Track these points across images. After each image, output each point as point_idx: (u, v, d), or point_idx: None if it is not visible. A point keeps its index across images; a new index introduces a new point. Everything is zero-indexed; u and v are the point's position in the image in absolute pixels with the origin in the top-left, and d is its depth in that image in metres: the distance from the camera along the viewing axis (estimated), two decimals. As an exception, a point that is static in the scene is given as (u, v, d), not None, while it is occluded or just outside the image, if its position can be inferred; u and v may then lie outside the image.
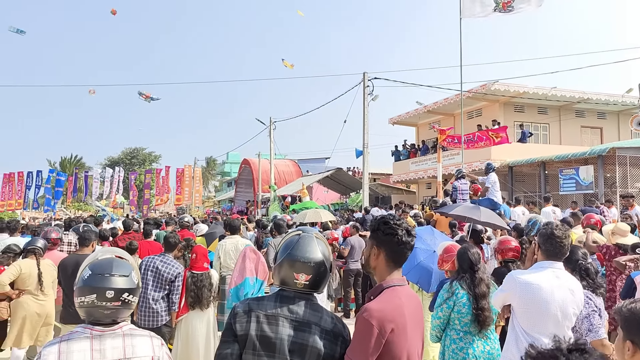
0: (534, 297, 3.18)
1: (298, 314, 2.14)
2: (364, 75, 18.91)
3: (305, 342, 2.10)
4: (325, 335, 2.13)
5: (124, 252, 2.44)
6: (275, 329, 2.10)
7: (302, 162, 39.61)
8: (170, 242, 6.01)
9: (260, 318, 2.11)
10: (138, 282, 2.28)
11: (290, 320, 2.12)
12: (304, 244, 2.26)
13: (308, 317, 2.15)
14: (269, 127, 29.03)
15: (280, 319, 2.12)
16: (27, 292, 5.85)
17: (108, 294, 2.12)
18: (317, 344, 2.11)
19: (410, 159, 26.19)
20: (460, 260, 4.17)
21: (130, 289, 2.20)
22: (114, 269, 2.19)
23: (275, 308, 2.14)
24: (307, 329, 2.12)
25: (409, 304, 2.27)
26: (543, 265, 3.34)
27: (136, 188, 35.35)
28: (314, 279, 2.20)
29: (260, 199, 29.66)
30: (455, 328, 3.94)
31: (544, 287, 3.19)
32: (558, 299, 3.18)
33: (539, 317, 3.18)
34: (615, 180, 15.59)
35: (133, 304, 2.22)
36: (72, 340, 2.09)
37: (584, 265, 3.87)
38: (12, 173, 33.98)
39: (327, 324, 2.16)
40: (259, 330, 2.09)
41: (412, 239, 2.33)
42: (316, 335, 2.12)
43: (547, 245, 3.38)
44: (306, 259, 2.20)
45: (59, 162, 58.30)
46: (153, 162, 64.15)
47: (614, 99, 22.33)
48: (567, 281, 3.27)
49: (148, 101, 25.59)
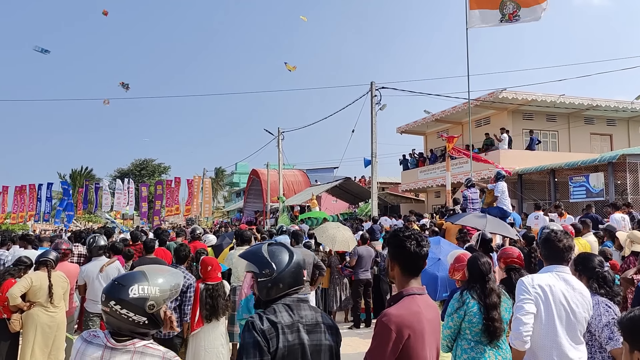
0: (546, 299, 3.20)
1: (307, 317, 2.25)
2: (371, 85, 18.95)
3: (319, 342, 2.23)
4: (329, 330, 2.29)
5: (156, 267, 2.44)
6: (297, 337, 2.17)
7: (310, 172, 39.62)
8: (181, 256, 6.05)
9: (285, 330, 2.16)
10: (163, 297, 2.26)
11: (304, 325, 2.22)
12: (290, 247, 2.45)
13: (314, 318, 2.27)
14: (277, 137, 29.13)
15: (298, 326, 2.20)
16: (37, 304, 5.88)
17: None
18: (327, 340, 2.26)
19: (418, 167, 26.13)
20: (471, 270, 4.15)
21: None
22: (136, 280, 2.24)
23: (291, 317, 2.20)
24: (318, 329, 2.25)
25: (427, 312, 2.38)
26: (547, 269, 3.37)
27: (147, 199, 35.46)
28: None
29: (269, 210, 29.69)
30: (466, 338, 3.92)
31: (553, 289, 3.22)
32: (570, 300, 3.19)
33: (550, 322, 3.17)
34: (626, 187, 15.47)
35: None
36: (90, 345, 2.16)
37: (601, 273, 3.84)
38: (24, 186, 34.34)
39: (327, 320, 2.32)
40: (286, 342, 2.14)
41: (422, 249, 2.43)
42: (325, 333, 2.26)
43: (544, 250, 3.45)
44: (302, 256, 2.43)
45: (69, 175, 58.77)
46: (162, 174, 64.48)
47: (623, 106, 22.19)
48: (575, 284, 3.27)
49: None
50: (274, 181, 29.82)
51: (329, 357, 2.24)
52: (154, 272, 2.27)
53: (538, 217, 11.73)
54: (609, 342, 3.42)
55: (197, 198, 36.89)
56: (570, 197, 16.90)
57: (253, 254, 2.37)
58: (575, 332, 3.17)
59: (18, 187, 34.40)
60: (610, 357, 3.52)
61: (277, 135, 29.10)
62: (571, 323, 3.16)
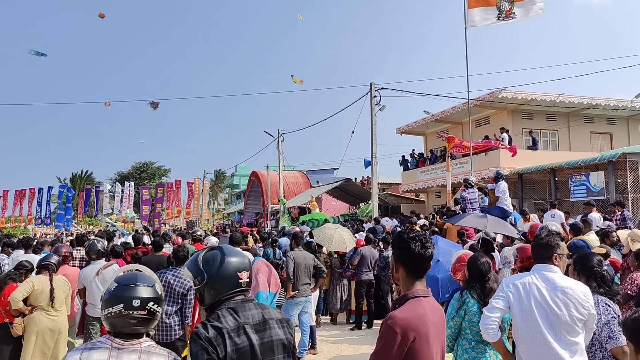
0: (518, 297, 3.25)
1: (254, 317, 2.26)
2: (371, 86, 18.96)
3: (270, 339, 2.24)
4: (279, 324, 2.30)
5: (144, 268, 2.57)
6: (246, 339, 2.17)
7: (310, 173, 39.60)
8: (180, 256, 6.02)
9: (231, 334, 2.15)
10: (162, 293, 2.38)
11: (252, 326, 2.22)
12: (229, 250, 2.41)
13: (262, 315, 2.27)
14: (277, 139, 29.14)
15: (245, 327, 2.20)
16: (39, 308, 5.88)
17: (134, 302, 2.21)
18: (278, 335, 2.27)
19: (418, 168, 26.14)
20: (471, 270, 4.16)
21: (155, 299, 2.30)
22: (138, 280, 2.31)
23: (236, 320, 2.20)
24: (267, 326, 2.26)
25: (432, 315, 2.38)
26: (533, 269, 3.40)
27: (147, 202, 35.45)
28: (250, 276, 2.37)
29: (269, 211, 29.68)
30: (467, 338, 3.92)
31: (527, 286, 3.25)
32: (548, 298, 3.17)
33: (529, 318, 3.20)
34: (627, 186, 15.46)
35: (158, 314, 2.30)
36: (93, 350, 2.17)
37: (599, 272, 3.83)
38: (24, 190, 34.41)
39: (276, 315, 2.33)
40: (233, 346, 2.14)
41: (426, 251, 2.44)
42: (274, 328, 2.27)
43: (533, 249, 3.50)
44: (242, 256, 2.37)
45: (69, 178, 58.79)
46: (163, 176, 64.53)
47: (623, 104, 22.19)
48: (559, 282, 3.23)
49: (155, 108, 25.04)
50: (275, 183, 29.81)
51: (282, 350, 2.25)
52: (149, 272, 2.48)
53: (554, 215, 11.82)
54: (609, 341, 3.41)
55: (198, 200, 36.90)
56: (570, 196, 16.90)
57: (190, 263, 2.40)
58: (559, 330, 3.13)
59: (18, 191, 34.46)
60: (610, 356, 3.51)
61: (277, 136, 29.11)
62: (552, 321, 3.14)
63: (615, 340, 3.38)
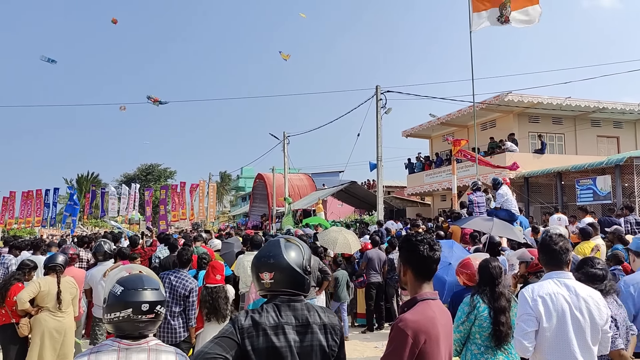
0: (547, 311, 3.09)
1: (297, 318, 2.21)
2: (376, 89, 18.96)
3: (309, 343, 2.18)
4: (322, 330, 2.22)
5: (145, 268, 2.55)
6: (283, 339, 2.14)
7: (316, 176, 39.62)
8: (184, 260, 6.05)
9: (268, 331, 2.13)
10: (166, 295, 2.43)
11: (293, 326, 2.18)
12: (267, 246, 2.37)
13: (306, 318, 2.22)
14: (282, 141, 29.17)
15: (285, 327, 2.17)
16: (45, 309, 5.90)
17: (143, 307, 2.21)
18: (320, 341, 2.20)
19: (424, 171, 26.10)
20: (482, 274, 4.14)
21: (161, 302, 2.30)
22: (145, 283, 2.29)
23: (277, 318, 2.18)
24: (309, 330, 2.20)
25: (441, 317, 2.40)
26: (547, 276, 3.26)
27: (152, 204, 35.57)
28: (279, 277, 2.25)
29: (274, 214, 29.69)
30: (476, 342, 3.90)
31: (554, 297, 3.10)
32: (573, 307, 3.08)
33: (558, 334, 3.07)
34: (634, 190, 15.37)
35: (162, 315, 2.32)
36: (100, 353, 2.17)
37: (590, 272, 3.80)
38: (31, 191, 34.55)
39: (323, 320, 2.25)
40: (269, 343, 2.12)
41: (435, 253, 2.45)
42: (317, 333, 2.21)
43: (542, 254, 3.36)
44: (264, 257, 2.29)
45: (75, 180, 59.06)
46: (168, 178, 64.73)
47: (630, 108, 22.07)
48: (579, 290, 3.14)
49: (157, 105, 25.60)
50: (280, 185, 29.83)
51: (322, 357, 2.20)
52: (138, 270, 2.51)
53: (560, 219, 11.87)
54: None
55: (203, 202, 36.95)
56: (577, 200, 16.81)
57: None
58: (583, 339, 3.06)
59: (25, 193, 34.63)
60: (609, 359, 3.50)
61: (283, 139, 29.14)
62: (577, 330, 3.06)
63: (612, 344, 3.34)
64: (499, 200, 11.48)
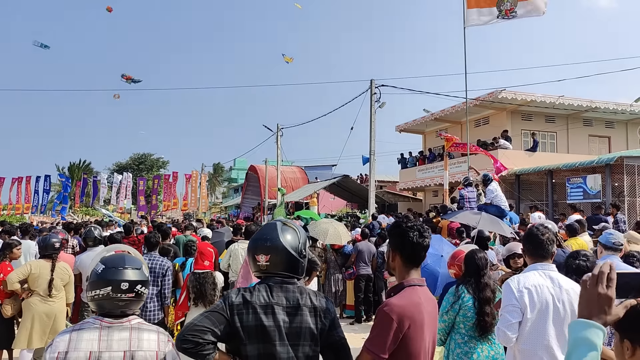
0: (531, 302, 3.13)
1: (288, 299, 2.24)
2: (371, 83, 18.95)
3: (298, 325, 2.21)
4: (312, 312, 2.25)
5: (130, 248, 2.61)
6: (272, 318, 2.18)
7: (308, 168, 39.63)
8: (152, 242, 6.36)
9: (258, 309, 2.18)
10: (148, 275, 2.41)
11: (283, 307, 2.22)
12: (265, 228, 2.42)
13: (297, 300, 2.24)
14: (276, 133, 29.12)
15: (275, 307, 2.20)
16: (35, 293, 5.90)
17: (123, 285, 2.23)
18: (308, 323, 2.23)
19: (417, 166, 26.17)
20: (467, 265, 4.18)
21: (143, 281, 2.32)
22: (126, 262, 2.31)
23: (268, 297, 2.22)
24: (299, 311, 2.23)
25: (427, 304, 2.42)
26: (532, 267, 3.30)
27: (144, 193, 35.40)
28: (275, 260, 2.29)
29: (266, 206, 29.67)
30: (460, 332, 3.95)
31: (539, 289, 3.14)
32: (556, 298, 3.13)
33: (539, 325, 3.12)
34: (624, 189, 15.51)
35: (144, 295, 2.33)
36: (82, 330, 2.19)
37: (575, 264, 3.85)
38: (21, 177, 34.28)
39: (314, 303, 2.27)
40: (258, 321, 2.16)
41: (424, 240, 2.49)
42: (306, 315, 2.23)
43: (527, 244, 3.39)
44: (261, 239, 2.33)
45: (67, 168, 58.64)
46: (161, 168, 64.44)
47: (622, 108, 22.20)
48: (562, 282, 3.20)
49: (129, 82, 25.41)
50: (272, 177, 29.80)
51: (310, 339, 2.22)
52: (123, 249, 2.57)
53: (540, 217, 11.91)
54: None
55: (195, 193, 36.87)
56: (567, 198, 16.94)
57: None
58: (561, 330, 3.11)
59: (15, 179, 34.35)
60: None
61: (276, 131, 29.09)
62: (556, 321, 3.11)
63: None
64: (489, 196, 11.54)
